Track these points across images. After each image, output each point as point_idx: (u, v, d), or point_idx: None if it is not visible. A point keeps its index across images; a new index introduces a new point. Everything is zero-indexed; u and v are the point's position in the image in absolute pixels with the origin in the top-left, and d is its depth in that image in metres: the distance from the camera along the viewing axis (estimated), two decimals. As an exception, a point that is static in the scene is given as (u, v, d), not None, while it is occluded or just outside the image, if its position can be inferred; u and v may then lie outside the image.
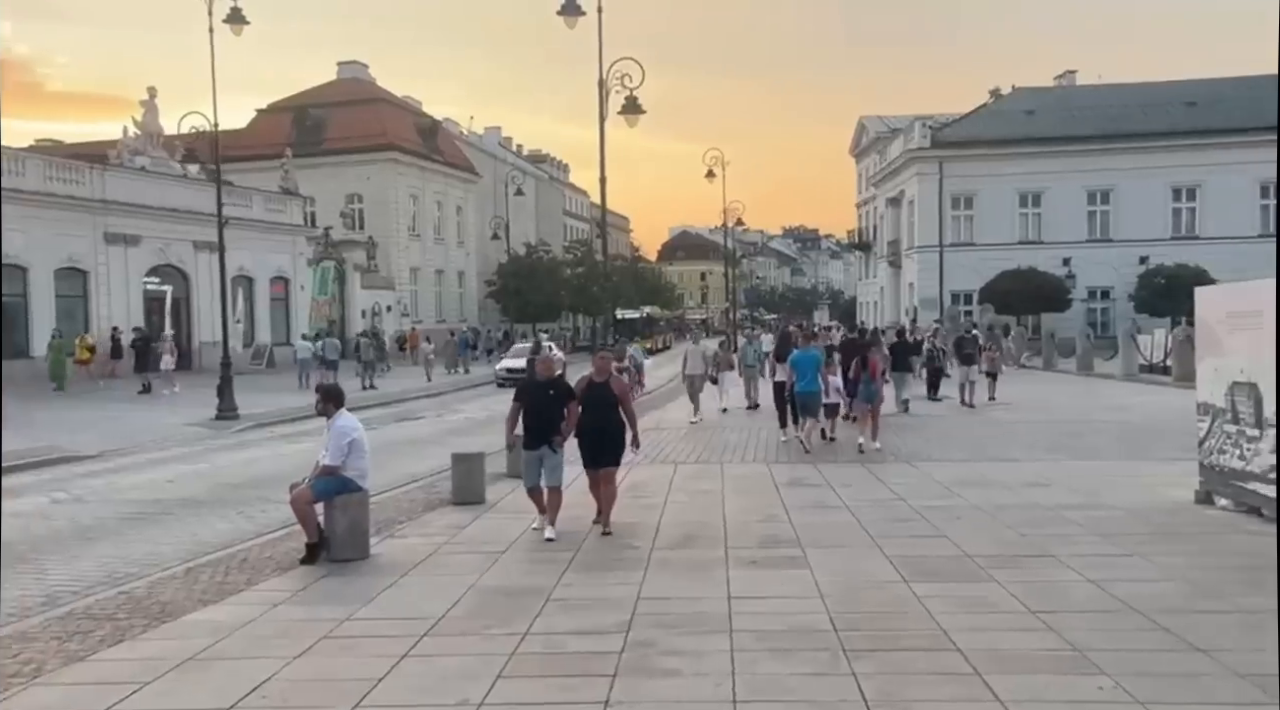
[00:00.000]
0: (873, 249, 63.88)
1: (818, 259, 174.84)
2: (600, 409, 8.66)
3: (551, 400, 8.61)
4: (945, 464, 12.48)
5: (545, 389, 8.73)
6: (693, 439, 15.57)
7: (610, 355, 9.54)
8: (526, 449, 8.59)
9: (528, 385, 9.13)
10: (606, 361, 9.15)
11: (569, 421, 8.63)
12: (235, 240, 36.63)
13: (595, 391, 8.75)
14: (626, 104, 18.08)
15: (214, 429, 19.33)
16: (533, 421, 8.54)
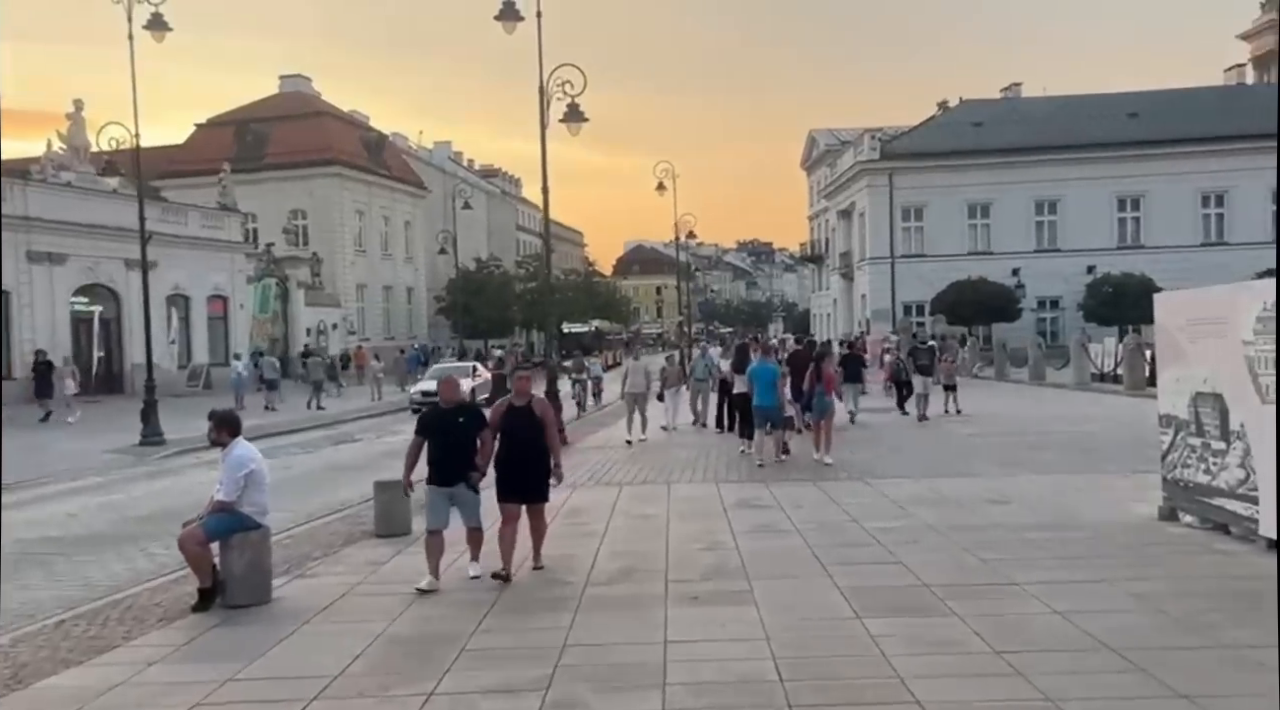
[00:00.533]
0: (825, 261, 63.95)
1: (772, 272, 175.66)
2: (522, 437, 7.58)
3: (461, 430, 7.47)
4: (900, 481, 11.97)
5: (453, 417, 7.54)
6: (640, 459, 14.93)
7: (529, 375, 8.32)
8: (437, 486, 7.49)
9: (432, 414, 7.86)
10: (526, 382, 8.07)
11: (483, 452, 7.56)
12: (170, 258, 35.51)
13: (515, 417, 7.63)
14: (569, 112, 17.49)
15: (136, 456, 18.28)
16: (440, 455, 7.44)
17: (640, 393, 17.42)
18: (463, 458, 7.43)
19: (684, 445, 16.34)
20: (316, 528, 10.24)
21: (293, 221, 50.78)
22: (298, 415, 26.66)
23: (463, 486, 7.45)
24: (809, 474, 12.85)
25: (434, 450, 7.50)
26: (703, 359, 19.77)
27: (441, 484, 7.48)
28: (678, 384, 18.98)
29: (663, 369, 19.46)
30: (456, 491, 7.45)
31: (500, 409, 7.77)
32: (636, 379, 17.61)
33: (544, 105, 17.46)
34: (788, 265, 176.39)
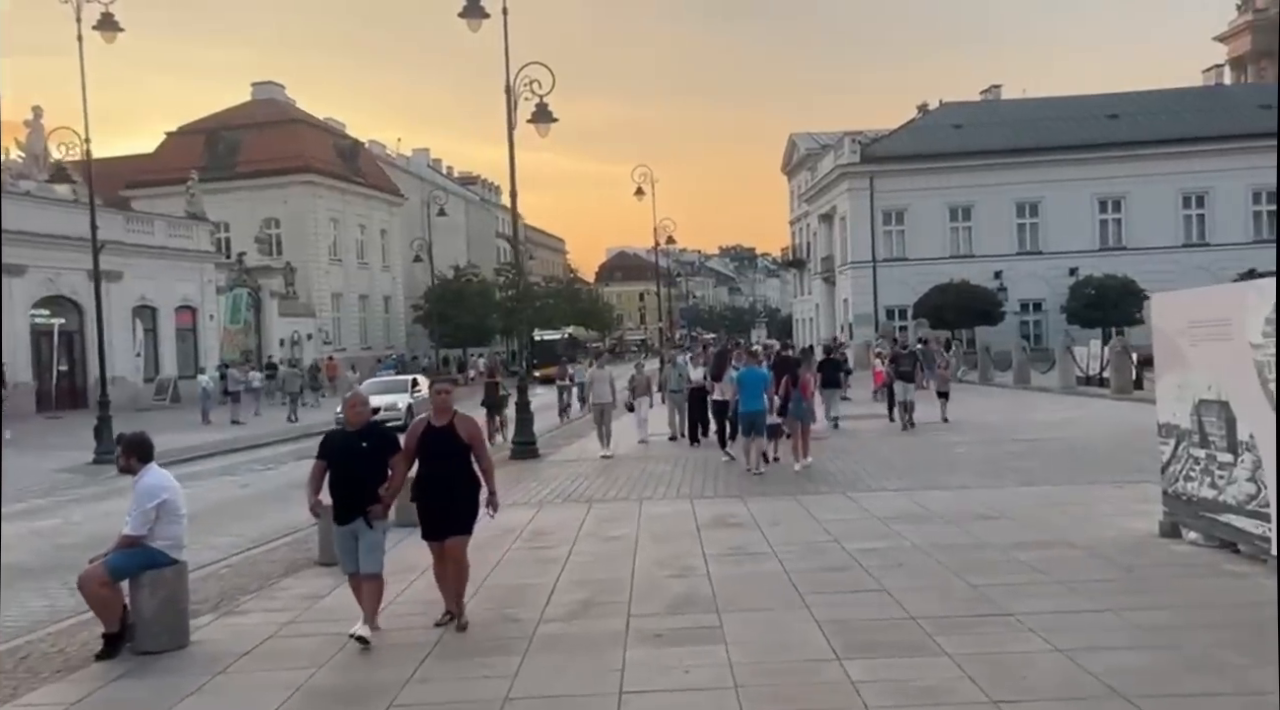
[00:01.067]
0: (807, 266, 63.54)
1: (754, 277, 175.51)
2: (443, 461, 6.53)
3: (365, 456, 6.40)
4: (883, 494, 11.37)
5: (355, 441, 6.48)
6: (612, 474, 14.26)
7: (449, 388, 7.03)
8: (338, 523, 6.48)
9: (333, 437, 6.85)
10: (447, 397, 6.82)
11: (392, 483, 6.50)
12: (136, 268, 34.66)
13: (434, 439, 6.57)
14: (537, 112, 16.86)
15: (88, 475, 17.48)
16: (339, 486, 6.41)
17: (605, 403, 16.55)
18: (364, 489, 6.36)
19: (659, 458, 15.67)
20: (258, 556, 9.52)
21: (265, 231, 49.89)
22: (263, 429, 25.86)
23: (361, 522, 6.35)
24: (788, 486, 12.24)
25: (333, 480, 6.46)
26: (674, 370, 18.44)
27: (341, 521, 6.44)
28: (646, 393, 18.14)
29: (631, 378, 18.45)
30: (358, 528, 6.37)
31: (417, 430, 6.71)
32: (600, 389, 16.76)
33: (511, 105, 16.83)
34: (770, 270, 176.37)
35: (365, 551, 6.37)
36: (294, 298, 49.21)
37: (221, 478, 17.03)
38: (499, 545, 9.38)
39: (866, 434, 18.03)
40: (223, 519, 12.62)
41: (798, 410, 13.71)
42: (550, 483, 13.59)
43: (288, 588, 8.03)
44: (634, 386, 18.07)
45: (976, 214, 47.16)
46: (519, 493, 12.85)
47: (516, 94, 16.79)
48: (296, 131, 53.10)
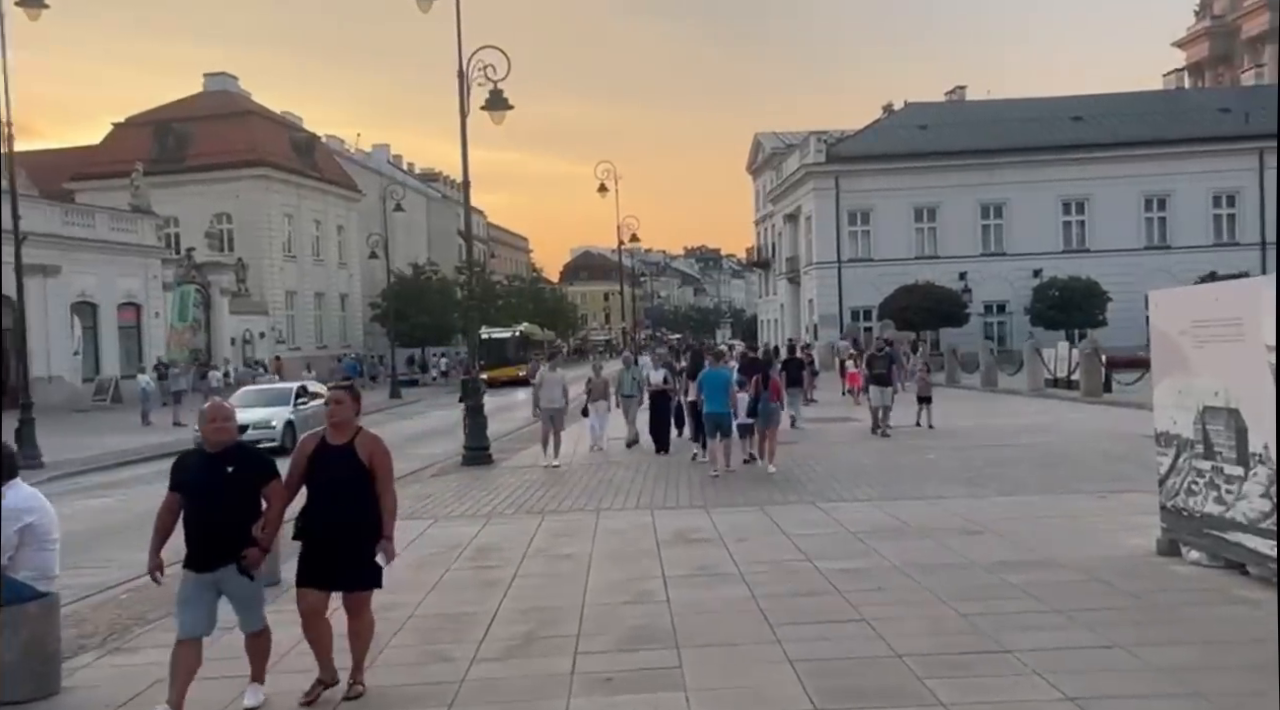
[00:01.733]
0: (772, 266, 63.12)
1: (719, 278, 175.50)
2: (339, 492, 5.09)
3: (230, 486, 4.97)
4: (856, 505, 10.67)
5: (218, 467, 5.03)
6: (569, 482, 13.43)
7: (347, 396, 5.35)
8: (193, 570, 5.06)
9: (188, 461, 5.29)
10: (345, 408, 5.28)
11: (269, 518, 5.09)
12: (76, 263, 33.21)
13: (328, 462, 5.15)
14: (491, 98, 16.00)
15: (6, 482, 16.25)
16: (199, 525, 5.01)
17: (557, 409, 15.27)
18: (230, 527, 4.96)
19: (618, 465, 14.85)
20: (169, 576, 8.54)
21: (217, 226, 48.35)
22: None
23: (232, 570, 4.98)
24: (755, 495, 11.53)
25: (189, 516, 5.05)
26: (628, 371, 17.35)
27: (199, 567, 5.02)
28: (604, 397, 16.88)
29: (588, 380, 17.27)
30: (224, 578, 5.00)
31: (306, 449, 5.30)
32: (551, 392, 15.28)
33: (464, 92, 15.95)
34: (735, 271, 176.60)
35: (242, 608, 5.13)
36: (246, 295, 47.76)
37: (151, 485, 15.93)
38: (439, 564, 8.54)
39: (835, 438, 17.39)
40: (144, 532, 11.60)
41: (766, 411, 13.49)
42: (502, 492, 12.74)
43: (193, 618, 7.10)
44: (590, 389, 16.98)
45: (941, 215, 46.93)
46: (467, 503, 12.00)
47: (470, 80, 15.93)
48: (249, 124, 51.58)
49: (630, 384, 16.97)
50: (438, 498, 12.50)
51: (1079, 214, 46.89)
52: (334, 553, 5.14)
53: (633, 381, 16.98)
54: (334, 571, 5.17)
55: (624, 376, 17.33)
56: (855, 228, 47.46)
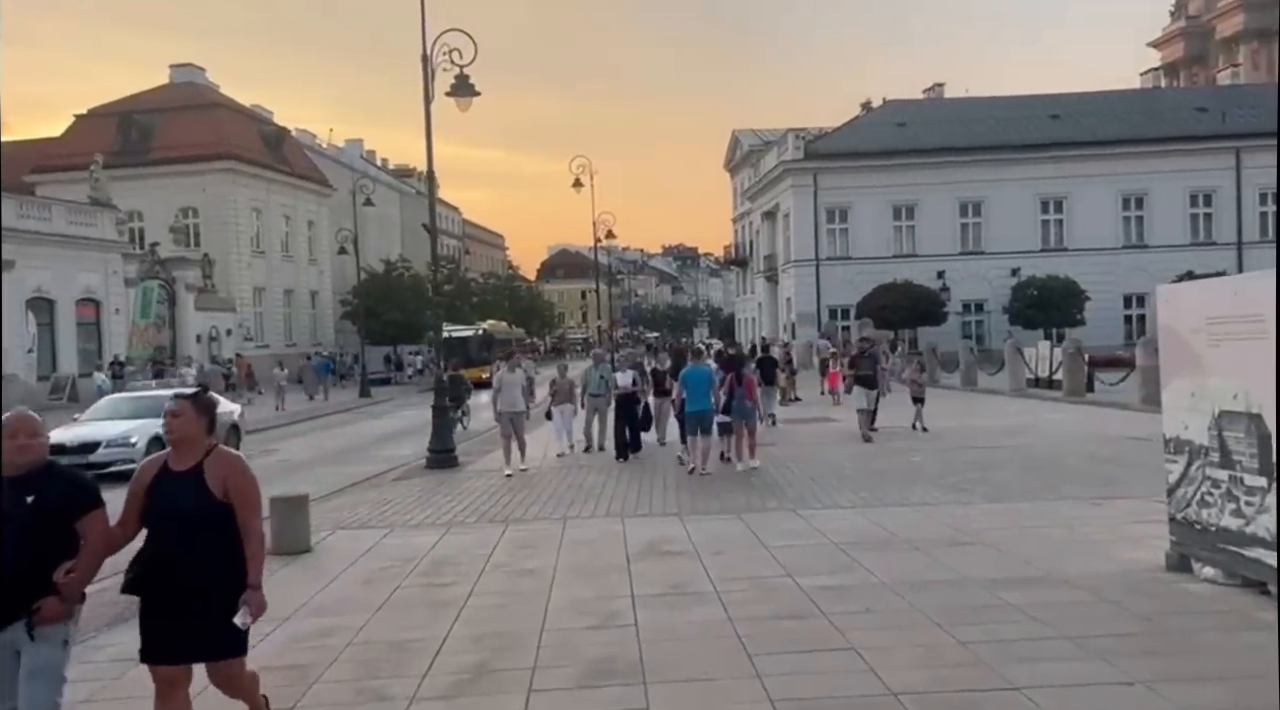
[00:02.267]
0: (749, 264, 62.66)
1: (697, 277, 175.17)
2: (183, 532, 3.98)
3: (30, 521, 3.80)
4: (839, 512, 10.07)
5: (16, 496, 3.81)
6: (536, 487, 12.75)
7: (190, 406, 4.12)
8: None
9: None
10: (186, 422, 4.09)
11: (80, 562, 3.90)
12: (31, 257, 32.07)
13: (171, 493, 4.02)
14: (456, 83, 15.28)
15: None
16: None
17: (517, 412, 14.13)
18: (25, 573, 3.76)
19: (587, 469, 14.19)
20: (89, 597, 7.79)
21: (182, 220, 47.17)
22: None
23: (22, 629, 3.79)
24: (732, 499, 10.93)
25: None
26: (596, 370, 16.16)
27: None
28: (569, 400, 15.92)
29: (553, 381, 16.34)
30: (17, 639, 3.81)
31: (145, 477, 4.11)
32: (511, 394, 14.13)
33: (428, 76, 15.22)
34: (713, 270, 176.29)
35: (29, 678, 3.79)
36: (212, 291, 46.63)
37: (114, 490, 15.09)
38: (389, 580, 7.86)
39: (814, 439, 16.82)
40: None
41: (740, 409, 13.32)
42: (465, 498, 12.05)
43: (102, 646, 6.39)
44: (555, 391, 16.02)
45: (920, 213, 46.59)
46: (428, 510, 11.30)
47: (435, 65, 15.21)
48: (216, 116, 50.40)
49: (598, 383, 15.85)
50: (397, 504, 11.80)
51: (1057, 212, 46.71)
52: (177, 612, 3.95)
53: (600, 380, 15.86)
54: (178, 637, 3.98)
55: (591, 375, 16.09)
56: (833, 225, 47.04)
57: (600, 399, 15.86)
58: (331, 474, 15.76)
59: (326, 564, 8.62)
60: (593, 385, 15.90)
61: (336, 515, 11.21)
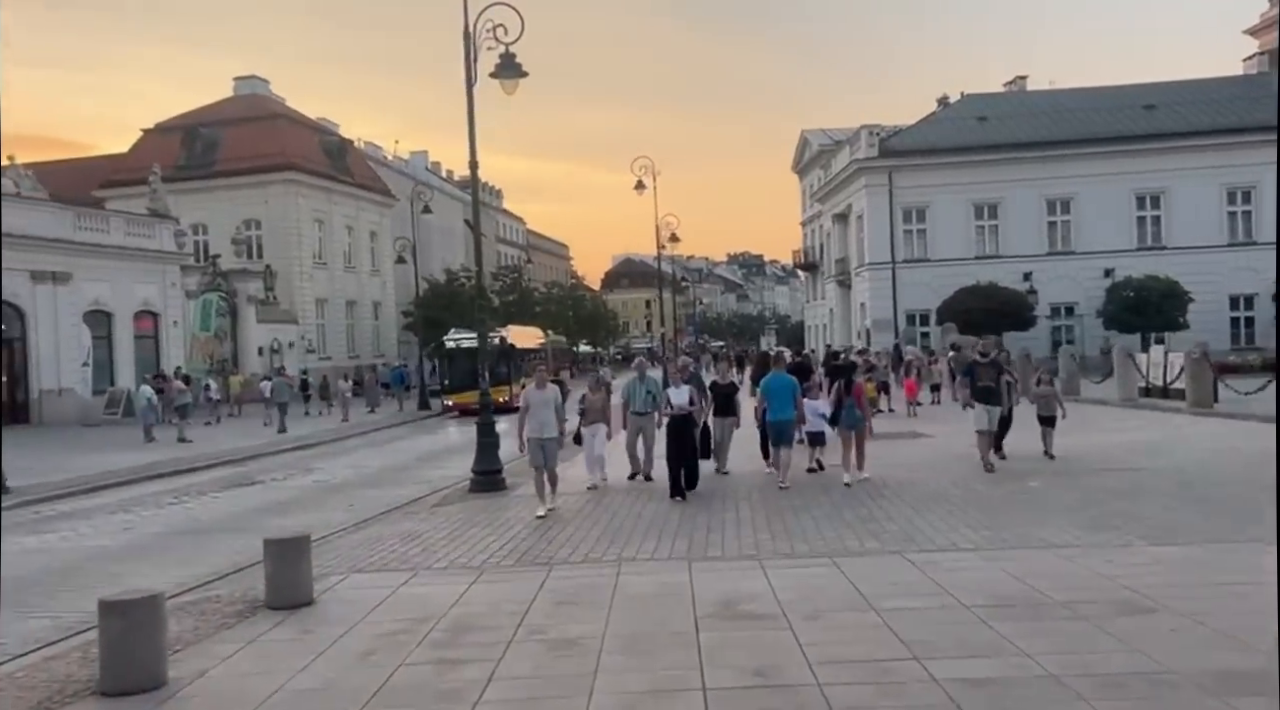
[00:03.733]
0: (820, 269, 60.37)
1: (763, 284, 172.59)
2: None
3: None
4: (959, 556, 8.13)
5: None
6: (589, 516, 11.02)
7: None
8: None
9: None
10: None
11: None
12: (88, 270, 31.66)
13: None
14: (502, 63, 13.70)
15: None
16: None
17: (548, 438, 11.31)
18: None
19: (648, 495, 12.38)
20: (24, 667, 6.28)
21: (245, 232, 46.85)
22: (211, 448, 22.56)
23: None
24: (825, 535, 9.06)
25: None
26: (641, 384, 13.20)
27: None
28: (602, 419, 13.23)
29: (582, 398, 13.53)
30: None
31: None
32: (542, 416, 11.33)
33: (470, 56, 13.69)
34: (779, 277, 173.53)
35: None
36: (274, 303, 46.17)
37: (113, 516, 13.85)
38: (394, 651, 6.18)
39: (906, 458, 14.76)
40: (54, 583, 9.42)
41: (850, 418, 12.54)
42: (505, 531, 10.36)
43: None
44: (585, 409, 13.31)
45: (1004, 211, 43.90)
46: (460, 547, 9.63)
47: (478, 43, 13.66)
48: (278, 128, 50.10)
49: (643, 399, 13.03)
50: (427, 540, 10.16)
51: (1154, 208, 43.54)
52: None
53: (646, 396, 13.02)
54: None
55: (634, 389, 13.22)
56: (910, 226, 44.64)
57: (646, 418, 13.13)
58: (366, 498, 14.28)
59: (324, 625, 6.98)
60: (636, 401, 13.13)
61: (356, 553, 9.62)
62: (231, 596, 7.93)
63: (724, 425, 13.51)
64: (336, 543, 10.53)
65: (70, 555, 10.85)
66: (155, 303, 35.07)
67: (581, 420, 13.40)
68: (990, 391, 13.05)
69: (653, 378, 13.54)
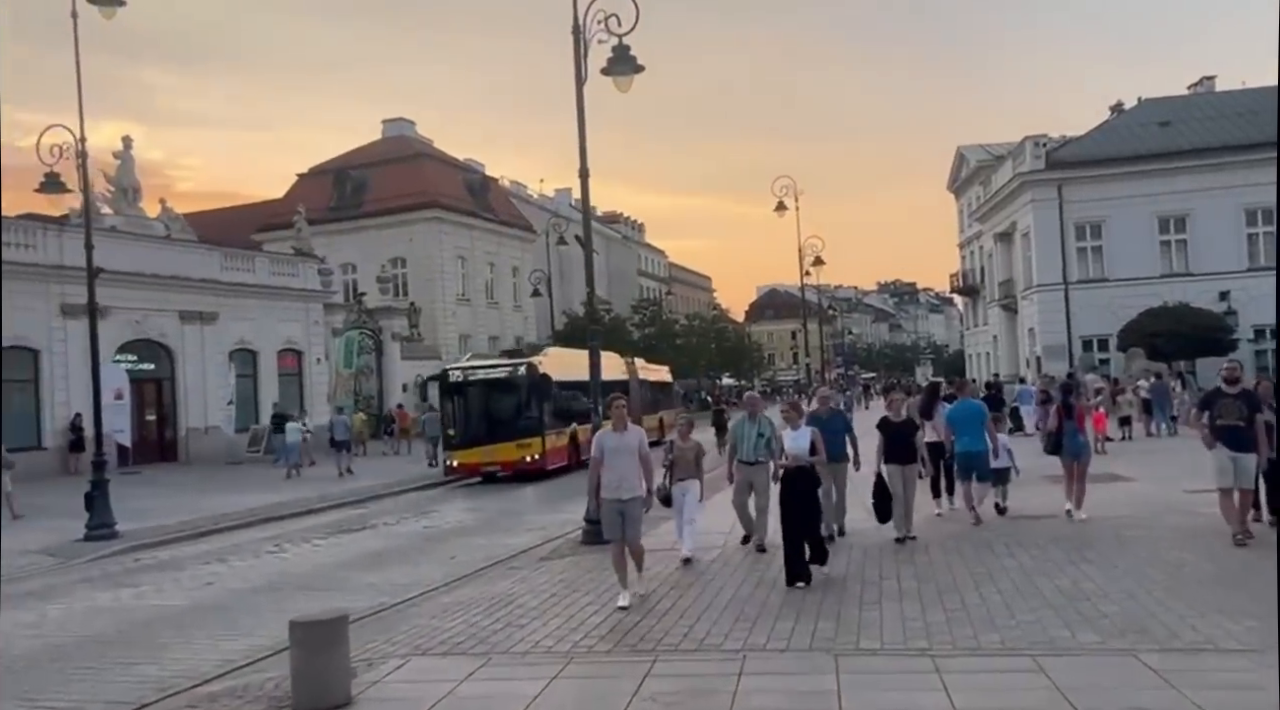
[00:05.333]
0: (980, 293, 56.33)
1: (917, 313, 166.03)
2: None
3: None
4: (1225, 659, 5.77)
5: None
6: (708, 582, 9.08)
7: None
8: None
9: None
10: None
11: None
12: (233, 309, 32.24)
13: None
14: (615, 56, 12.17)
15: (60, 558, 13.66)
16: None
17: (628, 499, 8.34)
18: None
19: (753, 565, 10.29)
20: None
21: (390, 270, 47.60)
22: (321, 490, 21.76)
23: None
24: (1023, 618, 6.80)
25: None
26: (752, 425, 10.20)
27: None
28: (693, 475, 10.17)
29: (670, 444, 10.53)
30: None
31: None
32: (620, 467, 8.35)
33: (580, 52, 12.22)
34: (934, 305, 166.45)
35: None
36: (419, 340, 46.51)
37: (207, 565, 12.90)
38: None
39: (1111, 507, 12.05)
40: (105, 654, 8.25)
41: (1074, 446, 11.51)
42: (611, 598, 8.54)
43: None
44: (672, 461, 10.24)
45: (1194, 224, 39.34)
46: (552, 621, 7.89)
47: (588, 36, 12.20)
48: (422, 167, 50.94)
49: (754, 444, 10.09)
50: (517, 608, 8.49)
51: (1380, 215, 37.92)
52: None
53: (759, 440, 10.07)
54: None
55: (742, 431, 10.24)
56: (1084, 243, 40.64)
57: (757, 468, 10.14)
58: (472, 548, 12.81)
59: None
60: (745, 447, 10.12)
61: (431, 626, 8.04)
62: (261, 689, 6.44)
63: (904, 475, 10.61)
64: (419, 608, 9.03)
65: (122, 620, 9.65)
66: (299, 340, 35.54)
67: (669, 476, 10.24)
68: (1238, 434, 9.38)
69: (767, 419, 10.44)
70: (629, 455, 8.42)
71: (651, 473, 8.66)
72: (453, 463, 22.19)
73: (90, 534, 14.76)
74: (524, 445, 21.47)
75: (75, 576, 12.40)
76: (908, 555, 9.82)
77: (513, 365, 22.86)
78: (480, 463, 21.78)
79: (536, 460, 21.53)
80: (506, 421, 21.95)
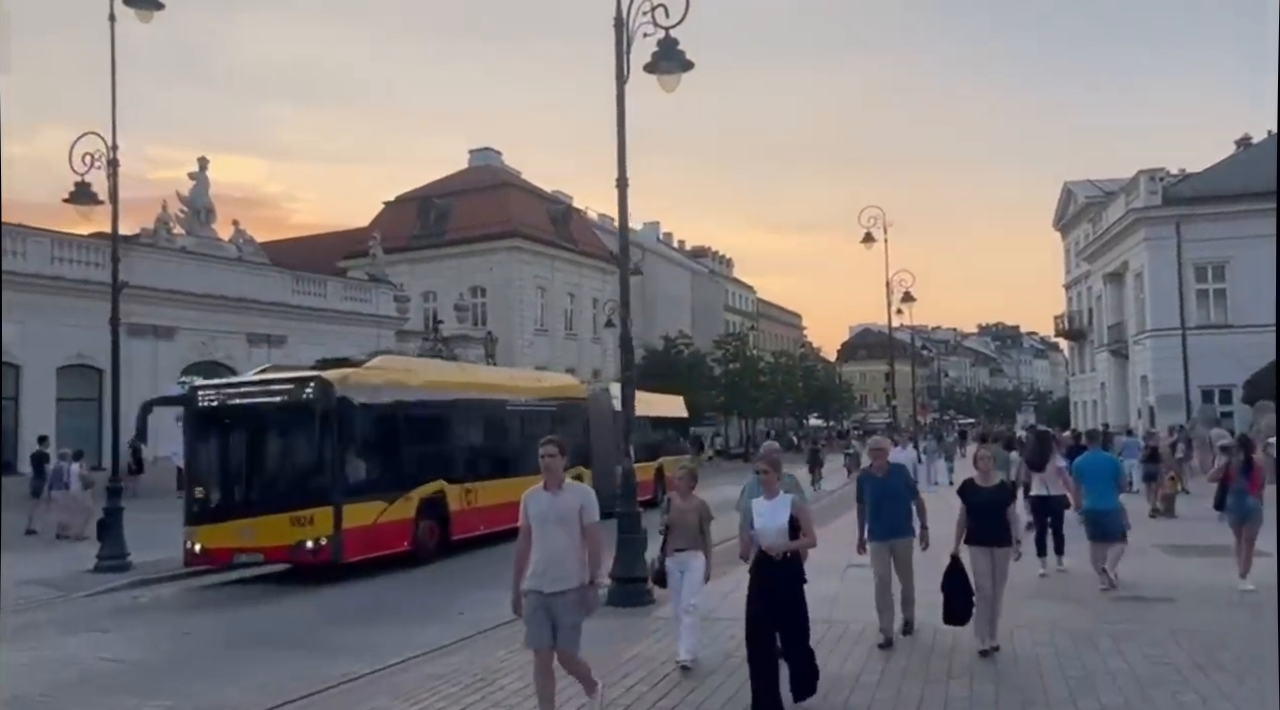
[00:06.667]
0: (1087, 337, 52.83)
1: (1019, 358, 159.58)
2: None
3: None
4: None
5: None
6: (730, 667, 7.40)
7: None
8: None
9: None
10: None
11: None
12: (303, 333, 31.89)
13: None
14: (660, 51, 10.78)
15: (60, 591, 12.75)
16: None
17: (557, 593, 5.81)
18: None
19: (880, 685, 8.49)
20: None
21: (469, 298, 47.20)
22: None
23: None
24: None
25: None
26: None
27: None
28: (694, 545, 7.66)
29: (666, 503, 7.92)
30: None
31: None
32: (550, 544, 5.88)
33: (624, 47, 10.89)
34: (1037, 350, 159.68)
35: None
36: (494, 370, 45.84)
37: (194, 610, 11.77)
38: None
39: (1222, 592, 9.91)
40: None
41: (1240, 508, 10.39)
42: (621, 678, 6.94)
43: None
44: (668, 524, 7.73)
45: (1332, 265, 35.67)
46: (562, 702, 6.21)
47: (632, 30, 10.85)
48: (505, 196, 50.63)
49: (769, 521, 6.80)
50: (500, 692, 6.97)
51: None
52: None
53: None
54: None
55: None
56: (1205, 285, 37.40)
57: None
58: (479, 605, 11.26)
59: None
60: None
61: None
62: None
63: (993, 561, 7.79)
64: (392, 680, 7.60)
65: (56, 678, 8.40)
66: (369, 366, 35.02)
67: (665, 541, 7.81)
68: None
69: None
70: (563, 526, 5.80)
71: (599, 555, 5.98)
72: (194, 546, 13.22)
73: (100, 565, 13.89)
74: (300, 520, 12.64)
75: (59, 614, 11.41)
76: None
77: (295, 382, 13.50)
78: (234, 547, 12.96)
79: (323, 546, 12.60)
80: (276, 477, 13.62)
